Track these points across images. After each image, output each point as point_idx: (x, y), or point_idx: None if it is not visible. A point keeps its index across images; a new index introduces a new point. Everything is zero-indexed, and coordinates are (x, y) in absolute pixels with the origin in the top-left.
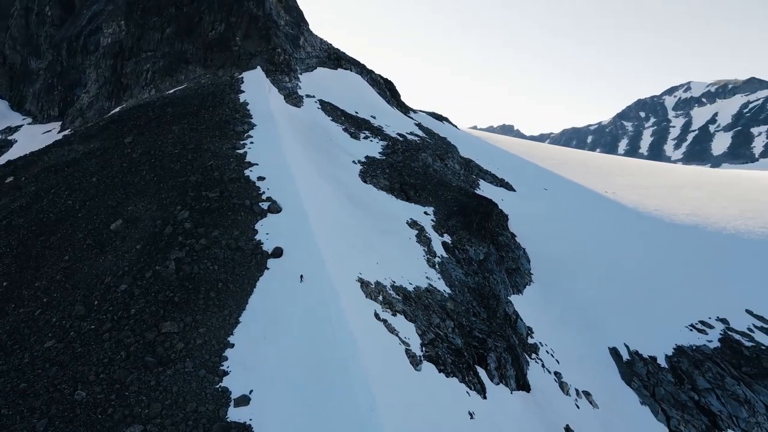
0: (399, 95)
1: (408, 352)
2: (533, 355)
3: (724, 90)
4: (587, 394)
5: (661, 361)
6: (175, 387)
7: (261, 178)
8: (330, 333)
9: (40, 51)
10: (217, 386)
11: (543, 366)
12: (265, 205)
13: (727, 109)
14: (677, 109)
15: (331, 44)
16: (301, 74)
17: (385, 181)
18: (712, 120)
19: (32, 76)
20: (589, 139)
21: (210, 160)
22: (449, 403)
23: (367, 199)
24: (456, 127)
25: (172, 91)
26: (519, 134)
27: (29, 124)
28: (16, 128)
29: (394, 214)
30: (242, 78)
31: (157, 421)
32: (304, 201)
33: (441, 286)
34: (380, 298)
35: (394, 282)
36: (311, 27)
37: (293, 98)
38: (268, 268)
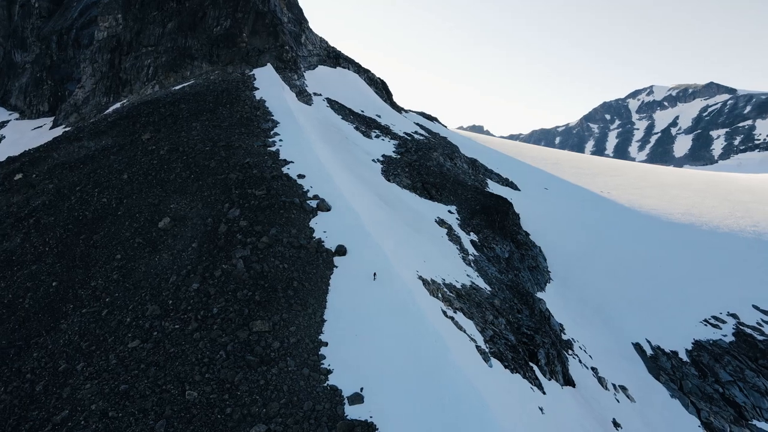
0: (392, 95)
1: (478, 348)
2: (569, 351)
3: (684, 94)
4: (623, 388)
5: (683, 356)
6: (285, 386)
7: (301, 176)
8: (418, 331)
9: (26, 44)
10: (325, 385)
11: (580, 361)
12: (313, 203)
13: (688, 112)
14: (641, 112)
15: (328, 42)
16: (304, 72)
17: (408, 180)
18: (674, 123)
19: (17, 69)
20: (557, 140)
21: (246, 158)
22: (523, 399)
23: (394, 197)
24: (445, 127)
25: (179, 87)
26: (490, 135)
27: (16, 119)
28: (3, 124)
29: (422, 212)
30: (254, 75)
31: (278, 420)
32: (349, 200)
33: (481, 283)
34: (439, 295)
35: (444, 279)
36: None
37: (304, 96)
38: (336, 266)
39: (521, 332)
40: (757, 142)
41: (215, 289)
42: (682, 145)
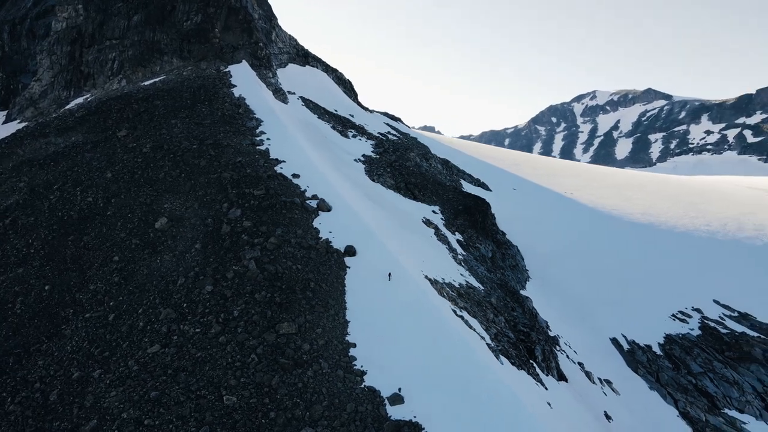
0: (357, 95)
1: (489, 346)
2: (557, 347)
3: (625, 99)
4: (609, 382)
5: (656, 349)
6: (323, 388)
7: (295, 176)
8: (439, 330)
9: None
10: (363, 386)
11: (567, 357)
12: (314, 203)
13: (628, 116)
14: (585, 116)
15: (297, 40)
16: (276, 70)
17: (391, 180)
18: (615, 126)
19: None
20: (507, 141)
21: (237, 157)
22: (533, 395)
23: (381, 198)
24: (409, 127)
25: (149, 83)
26: (441, 135)
27: None
28: None
29: (409, 212)
30: (229, 72)
31: (324, 422)
32: (347, 200)
33: (474, 282)
34: (445, 294)
35: (444, 279)
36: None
37: (280, 94)
38: (348, 267)
39: (518, 330)
40: (691, 146)
41: (231, 291)
42: (623, 148)
